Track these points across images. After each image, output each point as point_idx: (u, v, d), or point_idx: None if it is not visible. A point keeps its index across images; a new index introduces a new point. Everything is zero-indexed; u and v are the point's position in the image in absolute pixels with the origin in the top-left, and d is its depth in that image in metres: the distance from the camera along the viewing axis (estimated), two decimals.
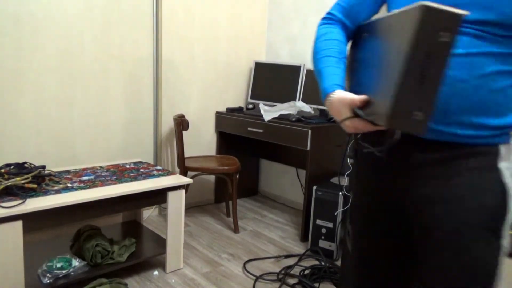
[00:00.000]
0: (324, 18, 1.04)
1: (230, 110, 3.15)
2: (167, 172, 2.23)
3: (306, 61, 3.16)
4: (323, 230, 2.42)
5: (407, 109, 0.69)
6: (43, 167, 1.87)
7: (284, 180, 3.44)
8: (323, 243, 2.43)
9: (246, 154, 3.46)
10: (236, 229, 2.74)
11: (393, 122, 0.71)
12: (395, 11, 0.76)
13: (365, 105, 0.81)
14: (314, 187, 2.46)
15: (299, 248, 2.56)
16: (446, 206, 0.83)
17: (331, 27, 1.01)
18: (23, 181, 1.72)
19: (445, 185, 0.84)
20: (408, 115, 0.69)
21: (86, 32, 2.43)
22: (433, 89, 0.68)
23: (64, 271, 1.79)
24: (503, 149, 0.84)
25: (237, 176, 2.74)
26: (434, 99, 0.69)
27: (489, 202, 0.81)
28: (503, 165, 0.83)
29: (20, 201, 1.61)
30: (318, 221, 2.44)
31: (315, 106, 2.89)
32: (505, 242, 0.82)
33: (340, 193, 2.36)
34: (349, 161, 1.02)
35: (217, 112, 3.20)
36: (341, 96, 0.86)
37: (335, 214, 2.37)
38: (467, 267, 0.81)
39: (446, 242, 0.83)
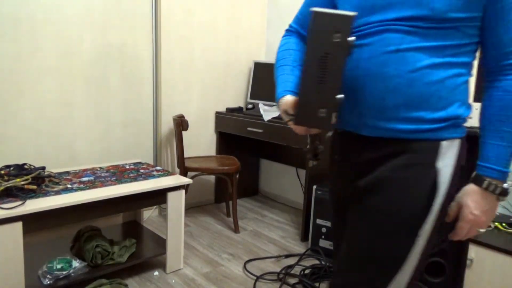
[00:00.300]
0: (286, 30, 1.10)
1: (230, 110, 3.15)
2: (167, 173, 2.23)
3: None
4: (323, 230, 2.42)
5: (311, 108, 0.73)
6: (43, 168, 1.87)
7: (284, 179, 3.44)
8: (323, 243, 2.43)
9: (246, 154, 3.46)
10: (236, 229, 2.74)
11: (300, 121, 0.76)
12: None
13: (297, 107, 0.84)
14: (314, 187, 2.46)
15: (299, 247, 2.56)
16: (376, 198, 0.87)
17: (289, 38, 1.08)
18: (22, 182, 1.72)
19: (380, 179, 0.87)
20: (313, 113, 0.73)
21: (85, 33, 2.43)
22: (333, 87, 0.72)
23: (64, 272, 1.79)
24: (444, 145, 0.85)
25: (237, 176, 2.74)
26: (336, 96, 0.73)
27: (413, 202, 0.83)
28: (441, 163, 0.84)
29: (20, 202, 1.61)
30: (319, 221, 2.44)
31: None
32: (420, 241, 0.84)
33: None
34: (311, 163, 1.04)
35: (217, 112, 3.20)
36: (283, 101, 0.92)
37: None
38: (371, 253, 0.85)
39: (363, 229, 0.88)
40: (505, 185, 0.84)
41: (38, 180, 1.81)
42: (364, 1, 0.86)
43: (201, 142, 3.19)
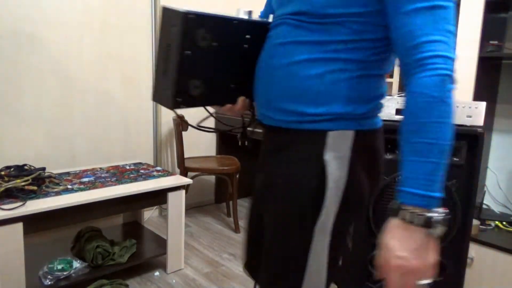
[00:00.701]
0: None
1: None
2: (167, 173, 2.23)
3: None
4: None
5: (160, 89, 0.86)
6: (43, 169, 1.87)
7: None
8: None
9: (246, 154, 3.46)
10: (236, 229, 2.74)
11: (154, 98, 0.89)
12: None
13: None
14: None
15: None
16: (270, 193, 0.87)
17: None
18: (23, 183, 1.72)
19: (272, 171, 0.89)
20: (161, 94, 0.86)
21: (84, 35, 2.43)
22: (173, 73, 0.81)
23: (65, 273, 1.79)
24: (331, 137, 0.81)
25: (237, 176, 2.74)
26: (175, 81, 0.81)
27: (304, 195, 0.81)
28: (329, 155, 0.80)
29: (20, 203, 1.61)
30: None
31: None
32: (320, 236, 0.81)
33: None
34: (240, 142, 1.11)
35: (217, 112, 3.20)
36: None
37: None
38: (278, 251, 0.85)
39: (268, 226, 0.88)
40: (429, 214, 0.65)
41: (39, 181, 1.81)
42: None
43: (201, 142, 3.19)
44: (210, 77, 0.86)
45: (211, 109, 1.03)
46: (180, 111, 3.00)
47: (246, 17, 0.88)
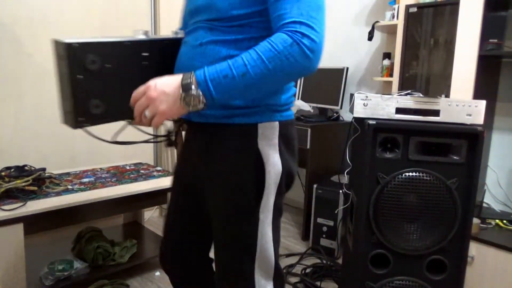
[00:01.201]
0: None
1: None
2: (167, 173, 2.23)
3: None
4: (324, 229, 2.42)
5: (64, 112, 0.92)
6: (43, 169, 1.87)
7: None
8: (324, 242, 2.43)
9: None
10: None
11: (62, 121, 0.94)
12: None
13: None
14: (315, 186, 2.46)
15: (300, 246, 2.56)
16: (211, 185, 0.97)
17: None
18: (23, 184, 1.72)
19: (211, 165, 0.97)
20: (66, 116, 0.92)
21: (84, 35, 2.43)
22: (70, 97, 0.87)
23: (65, 273, 1.79)
24: (261, 128, 0.92)
25: None
26: (73, 104, 0.87)
27: (246, 182, 0.92)
28: (261, 144, 0.92)
29: (21, 204, 1.61)
30: (319, 220, 2.44)
31: (314, 105, 2.89)
32: (262, 217, 0.94)
33: (341, 191, 2.36)
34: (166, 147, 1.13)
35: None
36: None
37: (336, 212, 2.37)
38: (231, 240, 0.96)
39: (215, 218, 0.98)
40: (193, 87, 0.80)
41: (39, 182, 1.81)
42: (188, 6, 1.00)
43: None
44: (110, 95, 0.92)
45: None
46: None
47: (143, 37, 0.95)
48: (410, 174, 1.51)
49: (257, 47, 0.80)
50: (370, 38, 2.58)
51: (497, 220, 1.95)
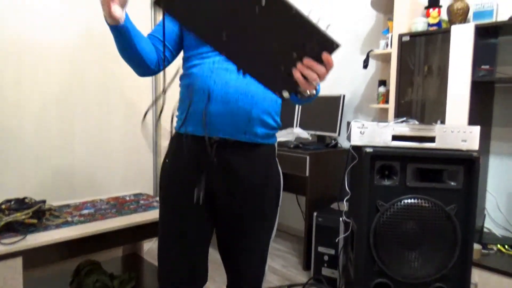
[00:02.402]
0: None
1: None
2: None
3: None
4: (326, 258, 2.40)
5: None
6: (43, 201, 1.87)
7: (284, 207, 3.43)
8: (326, 271, 2.40)
9: None
10: None
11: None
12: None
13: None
14: (315, 214, 2.46)
15: (302, 277, 2.53)
16: (244, 195, 1.15)
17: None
18: (23, 217, 1.72)
19: (247, 179, 1.14)
20: None
21: (86, 64, 2.49)
22: None
23: None
24: (275, 148, 1.23)
25: None
26: None
27: (275, 180, 1.22)
28: (277, 161, 1.25)
29: (21, 237, 1.60)
30: (320, 248, 2.42)
31: (312, 132, 2.92)
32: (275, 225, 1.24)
33: (341, 219, 2.35)
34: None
35: None
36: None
37: (337, 241, 2.35)
38: (256, 246, 1.18)
39: (241, 226, 1.17)
40: None
41: (39, 214, 1.81)
42: None
43: None
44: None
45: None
46: None
47: None
48: (409, 201, 1.52)
49: None
50: (365, 66, 2.64)
51: (498, 245, 1.93)
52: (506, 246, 1.92)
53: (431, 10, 2.26)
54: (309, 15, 0.80)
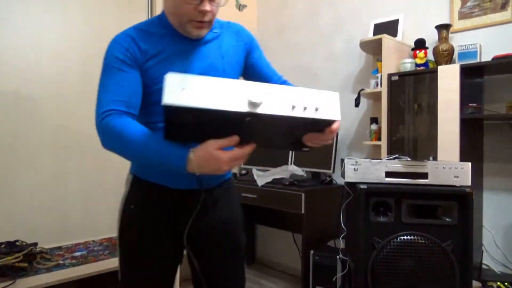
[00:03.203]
0: (109, 116, 1.02)
1: None
2: None
3: None
4: None
5: None
6: (35, 244, 1.84)
7: (281, 245, 3.38)
8: None
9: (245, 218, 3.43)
10: None
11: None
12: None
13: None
14: (311, 252, 2.42)
15: None
16: (232, 225, 1.24)
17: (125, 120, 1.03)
18: (13, 261, 1.68)
19: (220, 202, 1.23)
20: None
21: (83, 109, 2.53)
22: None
23: None
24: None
25: None
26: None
27: (238, 207, 1.28)
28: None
29: (10, 282, 1.56)
30: None
31: (307, 169, 2.93)
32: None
33: (338, 257, 2.32)
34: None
35: None
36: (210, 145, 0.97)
37: (334, 279, 2.31)
38: (237, 247, 1.25)
39: (225, 232, 1.22)
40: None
41: (30, 257, 1.77)
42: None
43: None
44: (200, 136, 0.95)
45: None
46: None
47: (246, 109, 0.87)
48: (405, 237, 1.51)
49: None
50: (357, 104, 2.71)
51: (498, 283, 1.91)
52: (506, 283, 1.89)
53: (417, 51, 2.35)
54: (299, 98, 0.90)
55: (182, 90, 0.84)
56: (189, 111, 0.85)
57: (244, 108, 0.86)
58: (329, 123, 0.93)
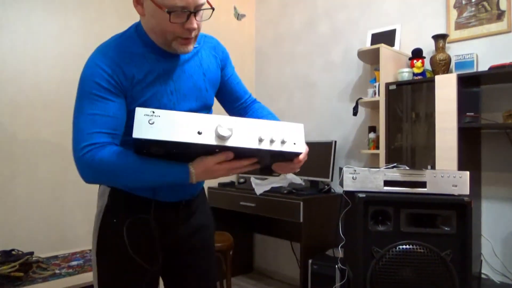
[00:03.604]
0: (92, 150, 0.96)
1: (222, 185, 3.17)
2: None
3: None
4: None
5: None
6: (31, 253, 1.82)
7: (279, 254, 3.36)
8: None
9: (239, 229, 3.41)
10: None
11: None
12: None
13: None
14: (310, 261, 2.41)
15: None
16: (205, 235, 1.25)
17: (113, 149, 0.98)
18: (9, 270, 1.66)
19: (200, 223, 1.24)
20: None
21: None
22: None
23: None
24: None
25: (231, 253, 2.68)
26: None
27: (210, 214, 1.31)
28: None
29: None
30: None
31: (305, 178, 2.93)
32: None
33: (336, 266, 2.30)
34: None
35: (209, 188, 3.22)
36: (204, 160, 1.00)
37: None
38: (212, 262, 1.27)
39: (206, 260, 1.25)
40: None
41: (26, 267, 1.75)
42: (184, 109, 1.12)
43: None
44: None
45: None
46: None
47: (216, 142, 0.91)
48: (404, 247, 1.51)
49: None
50: (355, 113, 2.72)
51: None
52: None
53: (415, 61, 2.37)
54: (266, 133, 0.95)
55: (152, 124, 0.88)
56: (160, 144, 0.89)
57: (212, 141, 0.90)
58: (295, 154, 0.99)
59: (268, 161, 1.05)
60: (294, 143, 0.96)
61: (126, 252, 1.07)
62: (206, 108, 1.18)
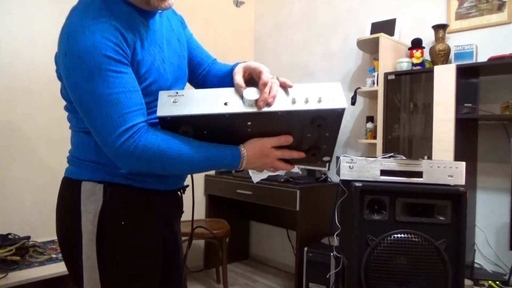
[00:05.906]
0: (132, 135, 0.83)
1: (219, 173, 3.18)
2: None
3: None
4: None
5: None
6: (28, 237, 1.83)
7: (275, 242, 3.39)
8: None
9: (236, 217, 3.43)
10: None
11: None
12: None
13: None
14: (305, 249, 2.43)
15: None
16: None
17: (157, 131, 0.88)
18: (5, 254, 1.67)
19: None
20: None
21: None
22: None
23: None
24: None
25: (228, 240, 2.70)
26: None
27: None
28: None
29: (2, 275, 1.55)
30: (311, 285, 2.38)
31: (302, 167, 2.94)
32: None
33: (332, 254, 2.33)
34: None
35: (206, 175, 3.22)
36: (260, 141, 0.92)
37: (328, 276, 2.32)
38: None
39: (180, 253, 1.15)
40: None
41: (22, 251, 1.76)
42: (173, 76, 1.02)
43: (190, 205, 3.16)
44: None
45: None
46: None
47: (246, 109, 0.82)
48: (399, 235, 1.52)
49: None
50: (353, 103, 2.71)
51: (490, 282, 1.92)
52: (498, 282, 1.91)
53: (414, 51, 2.36)
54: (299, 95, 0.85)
55: (176, 103, 0.83)
56: (187, 120, 0.82)
57: (241, 108, 0.81)
58: (337, 113, 0.84)
59: (310, 131, 0.89)
60: (333, 100, 0.83)
61: (139, 260, 0.95)
62: (185, 78, 1.08)
